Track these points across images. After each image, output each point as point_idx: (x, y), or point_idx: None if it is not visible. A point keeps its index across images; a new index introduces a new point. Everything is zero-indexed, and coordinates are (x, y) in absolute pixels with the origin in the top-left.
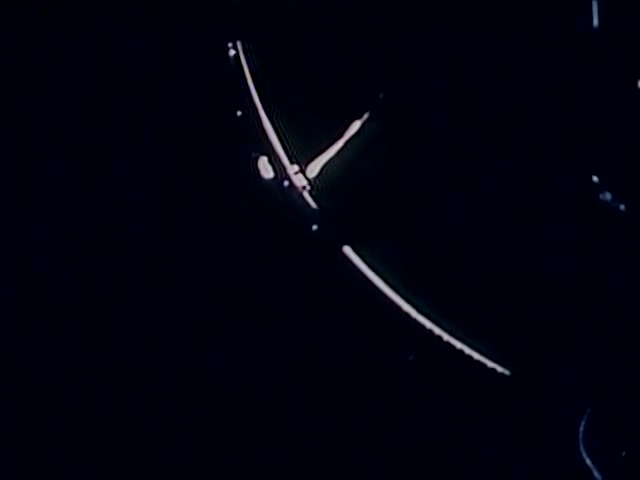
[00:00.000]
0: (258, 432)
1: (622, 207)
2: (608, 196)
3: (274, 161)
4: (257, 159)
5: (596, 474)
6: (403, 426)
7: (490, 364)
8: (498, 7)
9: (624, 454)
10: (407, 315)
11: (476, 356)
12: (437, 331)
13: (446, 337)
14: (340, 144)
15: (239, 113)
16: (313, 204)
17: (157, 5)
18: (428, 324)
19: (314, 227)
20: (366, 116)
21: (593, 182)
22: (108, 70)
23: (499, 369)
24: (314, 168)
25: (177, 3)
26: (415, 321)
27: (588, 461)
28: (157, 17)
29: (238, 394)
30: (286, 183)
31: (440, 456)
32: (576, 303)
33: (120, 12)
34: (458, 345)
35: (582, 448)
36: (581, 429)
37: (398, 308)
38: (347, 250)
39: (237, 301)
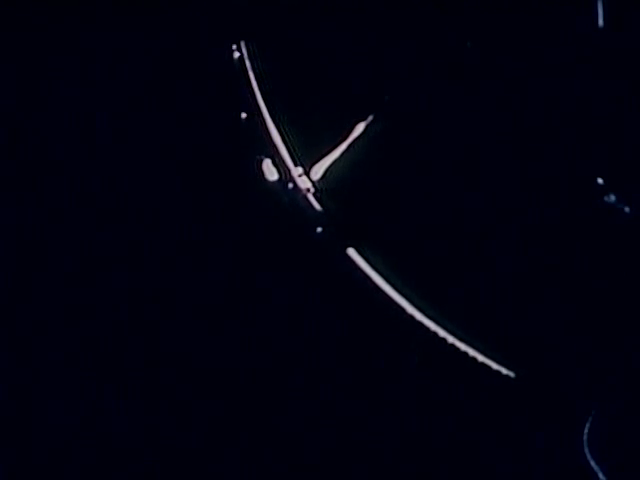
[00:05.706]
0: (258, 433)
1: (627, 209)
2: (612, 198)
3: (278, 163)
4: (261, 161)
5: (601, 476)
6: (407, 428)
7: (495, 366)
8: (501, 7)
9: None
10: (411, 317)
11: (481, 358)
12: (441, 333)
13: (451, 339)
14: (344, 146)
15: (243, 115)
16: (317, 206)
17: (161, 6)
18: (432, 326)
19: (318, 229)
20: (370, 118)
21: (597, 184)
22: (110, 72)
23: (504, 371)
24: (318, 170)
25: (181, 4)
26: (419, 323)
27: (593, 463)
28: (161, 18)
29: (239, 395)
30: (290, 185)
31: (444, 457)
32: (581, 305)
33: (122, 13)
34: (462, 347)
35: (587, 450)
36: (586, 431)
37: (402, 310)
38: (351, 252)
39: (241, 304)
